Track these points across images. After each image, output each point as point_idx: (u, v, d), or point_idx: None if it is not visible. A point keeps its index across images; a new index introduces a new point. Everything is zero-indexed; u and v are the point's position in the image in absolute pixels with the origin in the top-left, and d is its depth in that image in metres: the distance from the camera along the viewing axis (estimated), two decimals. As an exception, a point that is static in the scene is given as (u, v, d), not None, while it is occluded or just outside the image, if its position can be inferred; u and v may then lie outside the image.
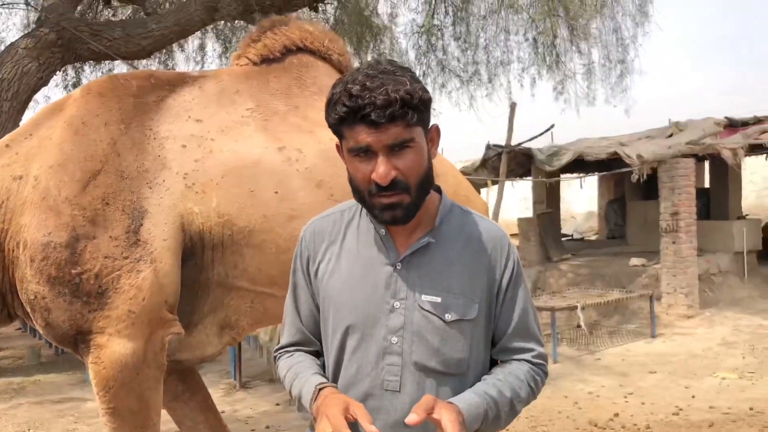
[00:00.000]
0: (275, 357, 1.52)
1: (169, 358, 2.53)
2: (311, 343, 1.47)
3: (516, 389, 1.34)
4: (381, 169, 1.24)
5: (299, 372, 1.41)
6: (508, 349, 1.41)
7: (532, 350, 1.40)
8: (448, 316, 1.32)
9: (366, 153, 1.26)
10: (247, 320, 2.66)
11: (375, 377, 1.34)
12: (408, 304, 1.33)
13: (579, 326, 7.34)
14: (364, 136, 1.24)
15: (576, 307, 7.18)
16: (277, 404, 5.49)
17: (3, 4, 8.71)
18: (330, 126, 1.32)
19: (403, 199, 1.28)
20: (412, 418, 1.18)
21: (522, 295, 1.40)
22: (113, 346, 2.32)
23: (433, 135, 1.35)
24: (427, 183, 1.32)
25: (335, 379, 1.39)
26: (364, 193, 1.30)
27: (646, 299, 8.17)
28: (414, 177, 1.28)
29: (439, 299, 1.32)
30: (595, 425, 4.73)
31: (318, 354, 1.48)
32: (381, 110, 1.21)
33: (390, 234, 1.37)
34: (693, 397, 5.37)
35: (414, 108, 1.25)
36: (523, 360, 1.39)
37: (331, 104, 1.28)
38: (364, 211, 1.40)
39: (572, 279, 10.04)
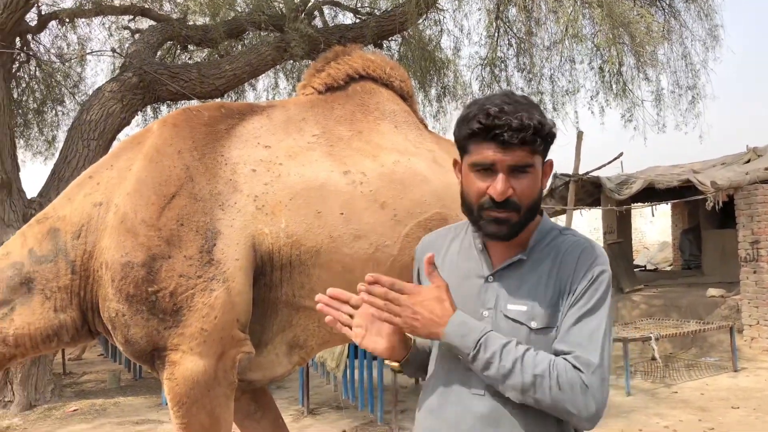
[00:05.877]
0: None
1: (240, 378, 2.60)
2: (422, 349, 1.60)
3: (530, 360, 1.29)
4: (499, 186, 1.34)
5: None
6: (555, 352, 1.34)
7: (572, 353, 1.31)
8: (533, 324, 1.36)
9: (487, 170, 1.36)
10: (316, 340, 2.71)
11: (463, 380, 1.40)
12: (495, 313, 1.39)
13: (654, 358, 7.04)
14: (491, 153, 1.34)
15: (650, 338, 6.90)
16: (344, 431, 5.51)
17: (92, 52, 9.35)
18: (458, 139, 1.43)
19: (512, 218, 1.37)
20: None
21: (592, 303, 1.34)
22: (186, 363, 2.41)
23: (546, 168, 1.44)
24: (535, 208, 1.41)
25: (431, 377, 1.50)
26: (474, 206, 1.40)
27: (726, 331, 7.78)
28: (526, 200, 1.37)
29: (524, 308, 1.37)
30: (673, 460, 4.53)
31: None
32: (515, 133, 1.32)
33: (487, 249, 1.46)
34: (780, 433, 5.07)
35: (542, 137, 1.36)
36: (562, 357, 1.31)
37: (465, 120, 1.38)
38: (469, 228, 1.51)
39: (645, 310, 9.68)
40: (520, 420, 1.34)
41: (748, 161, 9.81)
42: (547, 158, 1.44)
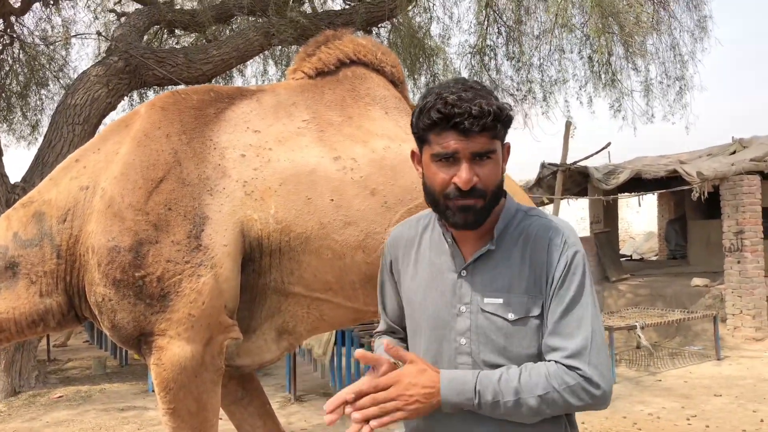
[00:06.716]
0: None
1: (228, 363, 2.59)
2: (397, 332, 1.65)
3: (527, 382, 1.30)
4: (464, 175, 1.32)
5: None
6: (546, 348, 1.35)
7: (564, 349, 1.31)
8: (511, 315, 1.36)
9: (449, 159, 1.34)
10: (304, 326, 2.70)
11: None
12: (472, 308, 1.39)
13: (638, 347, 7.11)
14: (452, 142, 1.32)
15: (635, 327, 6.97)
16: (331, 418, 5.52)
17: (76, 35, 9.20)
18: (417, 131, 1.40)
19: (477, 204, 1.35)
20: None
21: (573, 290, 1.34)
22: (173, 349, 2.40)
23: (505, 152, 1.43)
24: (499, 193, 1.40)
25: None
26: (439, 197, 1.37)
27: (710, 320, 7.88)
28: (491, 185, 1.36)
29: (500, 300, 1.37)
30: (656, 446, 4.59)
31: (404, 339, 1.61)
32: (475, 120, 1.30)
33: (456, 242, 1.45)
34: (762, 421, 5.14)
35: (502, 122, 1.35)
36: (553, 361, 1.32)
37: (423, 111, 1.36)
38: (436, 220, 1.49)
39: (631, 299, 9.77)
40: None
41: (734, 152, 9.89)
42: (505, 141, 1.43)
